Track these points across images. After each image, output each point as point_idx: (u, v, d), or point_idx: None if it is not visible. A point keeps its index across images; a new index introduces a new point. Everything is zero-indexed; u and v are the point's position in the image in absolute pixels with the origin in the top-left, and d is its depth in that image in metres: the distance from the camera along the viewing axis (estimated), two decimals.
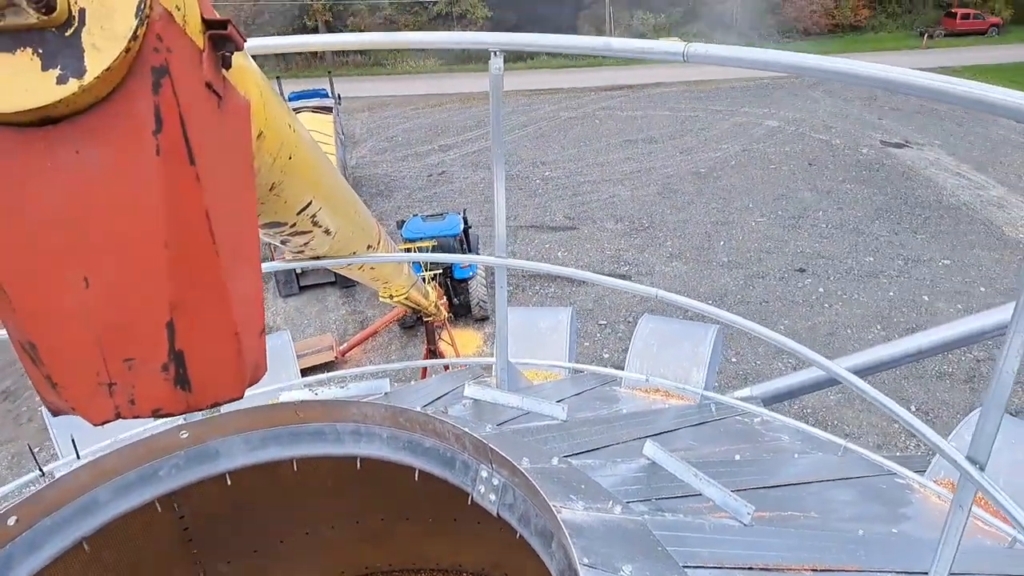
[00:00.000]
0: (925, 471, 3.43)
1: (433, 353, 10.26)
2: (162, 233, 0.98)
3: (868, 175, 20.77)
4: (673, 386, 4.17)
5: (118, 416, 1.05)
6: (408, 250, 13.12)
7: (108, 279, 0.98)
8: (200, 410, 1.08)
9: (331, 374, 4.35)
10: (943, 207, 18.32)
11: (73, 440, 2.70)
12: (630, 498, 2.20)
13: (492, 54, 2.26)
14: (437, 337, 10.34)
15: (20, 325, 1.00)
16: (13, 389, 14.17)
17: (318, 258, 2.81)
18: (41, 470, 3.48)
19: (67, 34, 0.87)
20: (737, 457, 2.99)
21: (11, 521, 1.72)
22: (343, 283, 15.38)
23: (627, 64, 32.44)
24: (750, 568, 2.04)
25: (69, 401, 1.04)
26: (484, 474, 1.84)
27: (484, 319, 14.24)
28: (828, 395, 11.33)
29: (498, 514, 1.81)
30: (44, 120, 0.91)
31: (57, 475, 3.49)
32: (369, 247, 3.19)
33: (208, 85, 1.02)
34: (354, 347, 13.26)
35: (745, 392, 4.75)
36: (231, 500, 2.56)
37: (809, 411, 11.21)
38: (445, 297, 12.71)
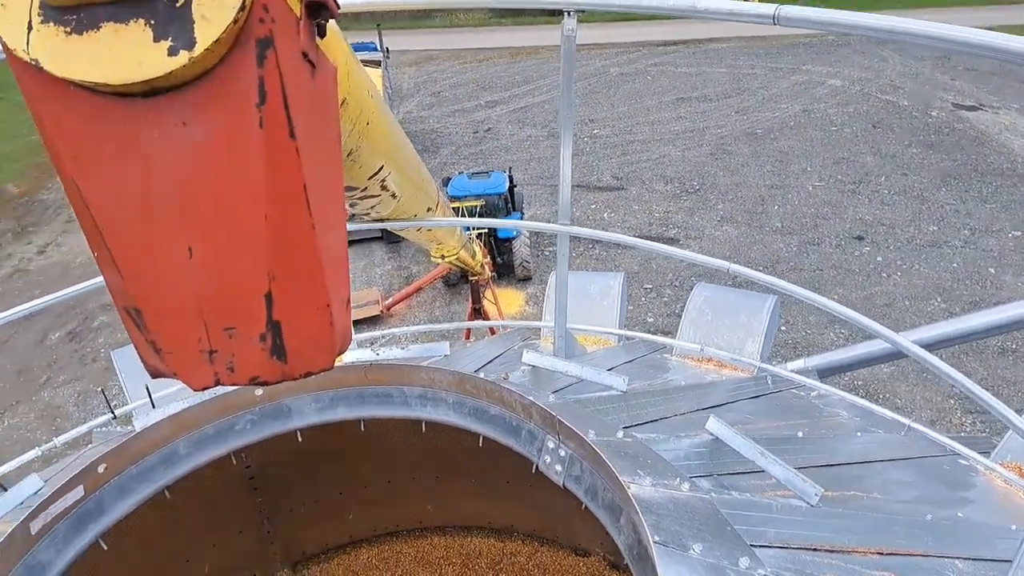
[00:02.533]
0: (990, 453, 3.33)
1: (478, 312, 10.32)
2: (263, 206, 0.98)
3: (937, 139, 19.80)
4: (729, 357, 4.10)
5: (217, 383, 1.07)
6: (455, 209, 13.13)
7: (211, 249, 0.99)
8: (293, 379, 1.09)
9: (387, 331, 4.41)
10: (1017, 175, 17.38)
11: (148, 389, 2.81)
12: (692, 473, 2.19)
13: (566, 14, 2.19)
14: (481, 296, 10.39)
15: (126, 291, 1.02)
16: (78, 331, 14.81)
17: (380, 220, 2.81)
18: (113, 414, 3.64)
19: (178, 4, 0.86)
20: (800, 434, 2.93)
21: (101, 468, 1.80)
22: (389, 238, 15.50)
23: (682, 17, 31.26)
24: (816, 549, 2.02)
25: (171, 366, 1.06)
26: (551, 445, 1.84)
27: (527, 279, 14.23)
28: (881, 368, 11.05)
29: (564, 485, 1.82)
30: (151, 91, 0.90)
31: (130, 419, 3.67)
32: (429, 210, 3.18)
33: (304, 55, 1.01)
34: (399, 302, 13.43)
35: (799, 364, 4.65)
36: (296, 454, 2.65)
37: (860, 383, 10.97)
38: (489, 257, 12.73)
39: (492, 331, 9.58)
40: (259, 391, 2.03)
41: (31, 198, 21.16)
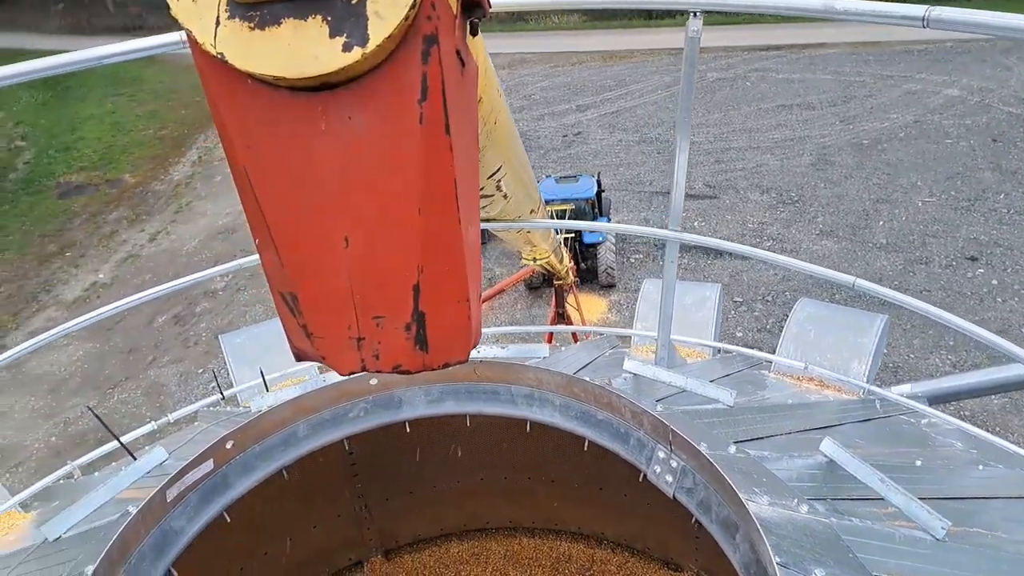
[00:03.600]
0: None
1: (561, 316, 10.29)
2: (417, 199, 1.00)
3: None
4: (834, 377, 3.92)
5: (363, 368, 1.10)
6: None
7: (366, 240, 1.02)
8: (432, 370, 1.11)
9: (485, 330, 4.45)
10: None
11: (262, 373, 2.95)
12: (806, 495, 2.09)
13: (691, 15, 2.14)
14: (565, 301, 10.35)
15: (285, 276, 1.06)
16: (183, 315, 15.78)
17: (487, 220, 2.84)
18: (222, 395, 3.85)
19: (354, 2, 0.88)
20: (918, 463, 2.76)
21: (229, 444, 1.90)
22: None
23: (788, 20, 30.08)
24: None
25: (320, 351, 1.10)
26: (661, 455, 1.80)
27: (611, 286, 14.06)
28: (992, 400, 10.30)
29: (674, 497, 1.78)
30: (322, 85, 0.93)
31: (239, 401, 3.86)
32: (532, 212, 3.20)
33: (457, 52, 1.02)
34: (482, 303, 13.56)
35: (905, 388, 4.40)
36: (398, 444, 2.71)
37: (967, 415, 10.24)
38: (573, 262, 12.67)
39: (574, 337, 9.52)
40: (373, 380, 2.09)
41: (145, 188, 22.70)
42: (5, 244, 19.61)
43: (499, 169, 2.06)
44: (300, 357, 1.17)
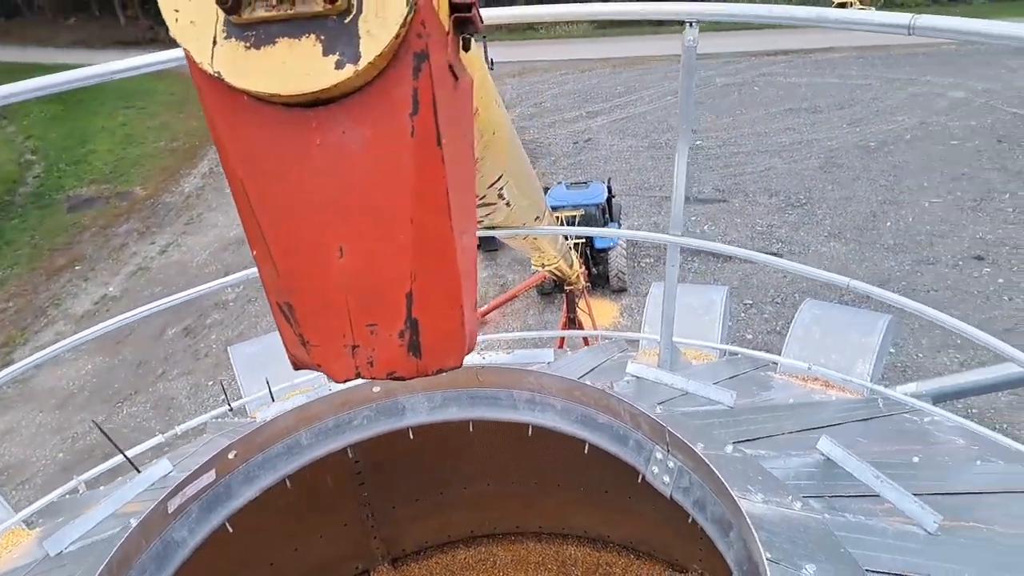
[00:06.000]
0: None
1: (572, 321, 10.31)
2: (410, 209, 1.04)
3: None
4: (838, 377, 3.93)
5: (358, 375, 1.14)
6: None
7: (360, 249, 1.06)
8: (427, 375, 1.15)
9: (482, 337, 4.49)
10: None
11: (268, 383, 3.00)
12: (803, 492, 2.11)
13: (687, 25, 2.18)
14: (576, 306, 10.37)
15: (282, 287, 1.10)
16: (193, 327, 15.87)
17: (492, 228, 2.89)
18: (230, 406, 3.90)
19: (346, 21, 0.92)
20: (915, 459, 2.78)
21: (231, 455, 1.94)
22: (485, 247, 15.74)
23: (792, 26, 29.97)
24: None
25: (316, 359, 1.14)
26: (659, 455, 1.83)
27: (622, 290, 14.07)
28: (999, 397, 10.23)
29: (671, 496, 1.81)
30: (316, 102, 0.98)
31: (244, 412, 3.90)
32: (536, 219, 3.24)
33: (450, 67, 1.07)
34: (494, 309, 13.60)
35: (911, 387, 4.40)
36: (403, 450, 2.74)
37: (975, 412, 10.18)
38: (584, 267, 12.69)
39: (586, 342, 9.54)
40: (376, 387, 2.13)
41: (155, 200, 22.88)
42: (14, 259, 19.76)
43: (500, 178, 2.11)
44: (297, 365, 1.21)
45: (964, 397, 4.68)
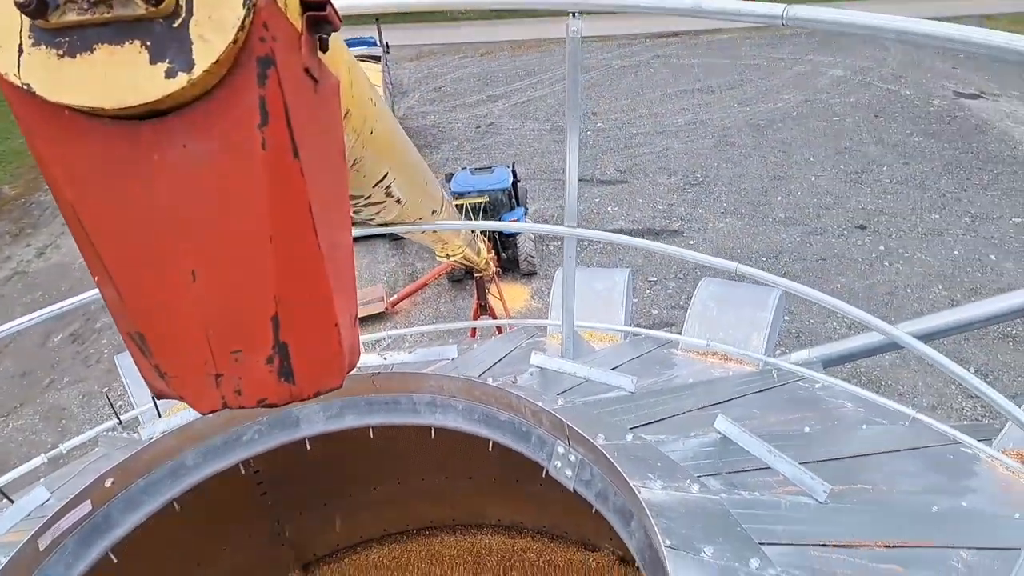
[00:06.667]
0: (992, 440, 3.32)
1: (483, 308, 10.31)
2: (267, 228, 0.96)
3: (938, 128, 19.70)
4: (734, 351, 4.10)
5: (225, 406, 1.05)
6: (459, 206, 13.09)
7: (215, 273, 0.97)
8: (302, 400, 1.08)
9: (393, 332, 4.40)
10: (1017, 162, 17.30)
11: (154, 399, 2.80)
12: (702, 472, 2.18)
13: (570, 15, 2.17)
14: (487, 291, 10.37)
15: (129, 316, 1.00)
16: (80, 332, 14.82)
17: (385, 225, 2.81)
18: (119, 419, 3.65)
19: (175, 25, 0.83)
20: (806, 429, 2.93)
21: (108, 483, 1.80)
22: (392, 236, 15.45)
23: None
24: (824, 545, 2.02)
25: (177, 390, 1.05)
26: (560, 450, 1.84)
27: (532, 274, 14.22)
28: (884, 357, 11.05)
29: (574, 490, 1.82)
30: (150, 113, 0.88)
31: (136, 424, 3.67)
32: (434, 212, 3.17)
33: (307, 70, 0.99)
34: (404, 299, 13.45)
35: (803, 355, 4.66)
36: (306, 461, 2.64)
37: (863, 371, 10.97)
38: (494, 252, 12.71)
39: (499, 330, 9.57)
40: None
41: (27, 200, 21.15)
42: None
43: (386, 175, 2.03)
44: (161, 396, 1.12)
45: (852, 361, 5.00)
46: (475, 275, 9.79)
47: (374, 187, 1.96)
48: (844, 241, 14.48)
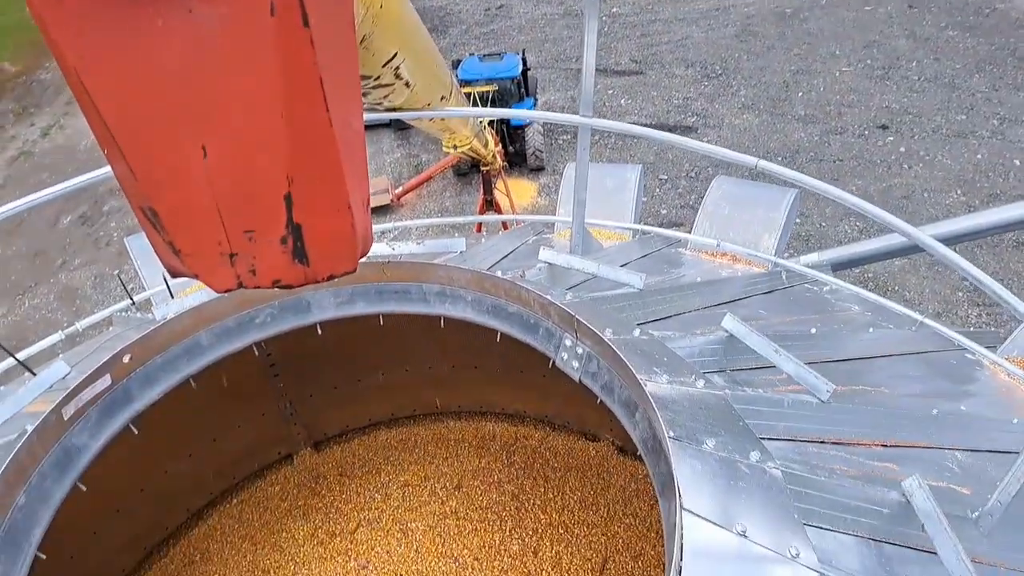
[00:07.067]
0: (997, 348, 3.36)
1: (489, 203, 10.19)
2: (278, 101, 0.92)
3: (975, 21, 18.62)
4: (744, 252, 4.07)
5: (240, 285, 1.05)
6: (466, 94, 12.65)
7: (225, 149, 0.94)
8: (317, 282, 1.07)
9: (398, 224, 4.37)
10: None
11: (166, 279, 2.83)
12: (707, 369, 2.22)
13: None
14: (493, 186, 10.22)
15: (141, 191, 0.98)
16: (89, 215, 14.85)
17: (393, 110, 2.71)
18: (132, 300, 3.70)
19: None
20: (812, 330, 2.95)
21: (126, 359, 1.84)
22: (398, 125, 15.11)
23: None
24: (823, 442, 2.07)
25: (191, 268, 1.04)
26: (568, 342, 1.85)
27: (539, 169, 13.95)
28: (893, 261, 11.02)
29: (580, 381, 1.85)
30: None
31: (149, 308, 3.73)
32: (443, 98, 3.06)
33: None
34: (409, 191, 13.30)
35: (813, 257, 4.63)
36: (317, 344, 2.69)
37: (871, 276, 10.95)
38: (501, 145, 12.42)
39: (504, 226, 9.49)
40: None
41: (29, 77, 20.60)
42: None
43: (395, 56, 1.93)
44: (175, 273, 1.11)
45: (862, 264, 4.98)
46: (482, 168, 9.62)
47: (383, 67, 1.87)
48: (864, 141, 14.06)
